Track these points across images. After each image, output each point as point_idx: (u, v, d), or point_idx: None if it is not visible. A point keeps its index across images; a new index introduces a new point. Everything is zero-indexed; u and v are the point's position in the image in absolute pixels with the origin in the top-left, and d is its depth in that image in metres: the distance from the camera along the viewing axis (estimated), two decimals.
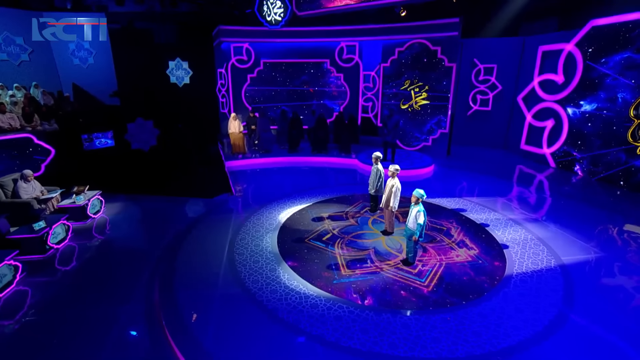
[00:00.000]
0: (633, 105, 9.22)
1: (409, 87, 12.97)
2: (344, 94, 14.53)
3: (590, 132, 10.33)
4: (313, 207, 8.19)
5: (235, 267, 5.69)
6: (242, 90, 14.56)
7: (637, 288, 5.30)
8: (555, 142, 11.35)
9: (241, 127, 12.36)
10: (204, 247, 6.39)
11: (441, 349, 4.07)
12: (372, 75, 13.99)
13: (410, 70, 12.74)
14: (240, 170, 11.40)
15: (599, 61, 9.90)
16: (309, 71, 14.40)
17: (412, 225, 5.57)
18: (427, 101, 12.77)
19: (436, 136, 12.91)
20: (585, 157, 10.53)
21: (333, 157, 12.46)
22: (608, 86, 9.78)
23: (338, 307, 4.78)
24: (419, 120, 13.10)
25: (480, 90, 13.55)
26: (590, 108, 10.29)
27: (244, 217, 7.67)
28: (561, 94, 10.98)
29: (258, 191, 9.41)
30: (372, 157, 7.55)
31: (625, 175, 9.56)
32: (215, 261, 5.90)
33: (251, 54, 14.10)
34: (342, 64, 14.07)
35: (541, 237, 6.82)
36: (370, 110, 14.48)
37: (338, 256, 6.09)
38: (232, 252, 6.18)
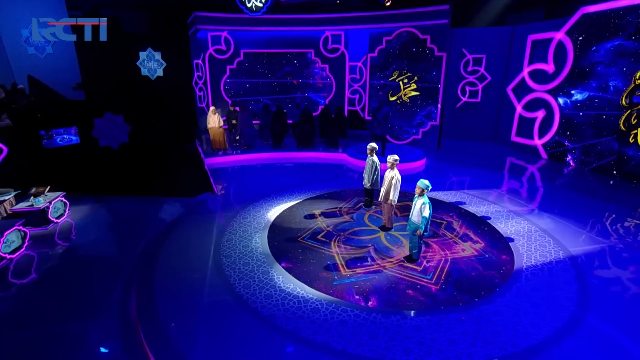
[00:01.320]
0: (625, 93, 9.35)
1: (397, 78, 12.78)
2: (329, 86, 14.20)
3: (582, 122, 10.44)
4: (303, 204, 7.80)
5: (223, 271, 5.22)
6: (221, 83, 13.96)
7: None
8: (547, 133, 11.44)
9: (221, 122, 11.80)
10: (186, 250, 5.88)
11: (460, 352, 3.78)
12: (358, 66, 13.72)
13: (398, 60, 12.55)
14: (222, 167, 10.86)
15: (590, 49, 10.01)
16: (293, 62, 13.98)
17: (417, 219, 5.28)
18: (417, 92, 12.62)
19: (426, 129, 12.79)
20: (578, 147, 10.65)
21: (320, 152, 12.12)
22: (599, 74, 9.89)
23: (342, 310, 4.42)
24: (409, 112, 12.94)
25: (469, 81, 13.52)
26: (581, 97, 10.39)
27: (228, 216, 7.18)
28: (552, 84, 11.06)
29: (242, 189, 8.92)
30: (367, 148, 7.25)
31: (617, 164, 9.69)
32: (199, 266, 5.41)
33: (230, 43, 13.52)
34: (327, 55, 13.73)
35: (545, 228, 6.71)
36: (357, 102, 14.20)
37: (336, 255, 5.73)
38: (219, 254, 5.70)
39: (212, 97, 13.92)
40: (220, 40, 13.38)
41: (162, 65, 12.94)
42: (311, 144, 12.22)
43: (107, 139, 10.47)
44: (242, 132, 12.19)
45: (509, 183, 9.61)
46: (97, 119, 10.18)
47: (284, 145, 12.54)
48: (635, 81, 9.13)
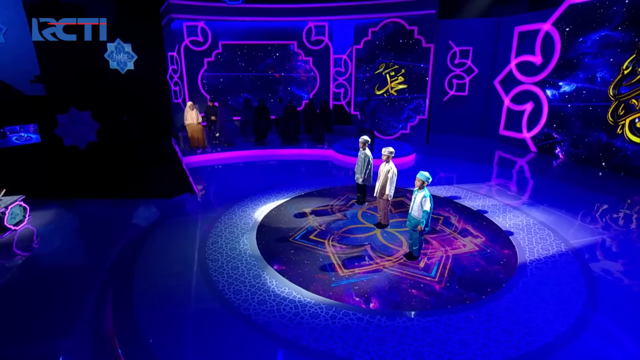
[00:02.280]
0: (612, 84, 9.58)
1: (384, 71, 12.69)
2: (313, 79, 13.96)
3: (571, 114, 10.65)
4: (292, 203, 7.53)
5: (210, 277, 4.89)
6: (199, 77, 13.47)
7: None
8: (535, 126, 11.62)
9: (199, 118, 11.34)
10: (168, 256, 5.49)
11: (473, 353, 3.62)
12: (343, 59, 13.54)
13: (385, 52, 12.46)
14: (201, 166, 10.43)
15: (577, 40, 10.21)
16: (274, 54, 13.65)
17: (417, 214, 5.11)
18: (404, 86, 12.57)
19: (414, 123, 12.76)
20: (566, 139, 10.85)
21: (305, 149, 11.87)
22: (587, 66, 10.10)
23: (343, 314, 4.18)
24: (396, 106, 12.87)
25: (456, 74, 13.62)
26: (569, 89, 10.60)
27: (212, 217, 6.82)
28: (539, 76, 11.24)
29: (224, 188, 8.55)
30: (360, 142, 7.06)
31: (606, 155, 9.92)
32: (183, 272, 5.05)
33: (207, 34, 13.05)
34: (310, 47, 13.48)
35: (543, 221, 6.72)
36: (342, 97, 14.03)
37: (331, 255, 5.50)
38: (204, 259, 5.35)
39: (188, 92, 13.40)
40: (197, 31, 12.89)
41: (132, 58, 12.30)
42: (296, 140, 11.95)
43: (72, 137, 9.82)
44: (222, 129, 11.78)
45: (501, 176, 9.67)
46: (60, 115, 9.52)
47: (267, 142, 12.22)
48: (623, 72, 9.37)
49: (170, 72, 13.22)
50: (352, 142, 12.16)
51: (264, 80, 13.92)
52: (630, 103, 9.26)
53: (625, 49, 9.26)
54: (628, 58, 9.20)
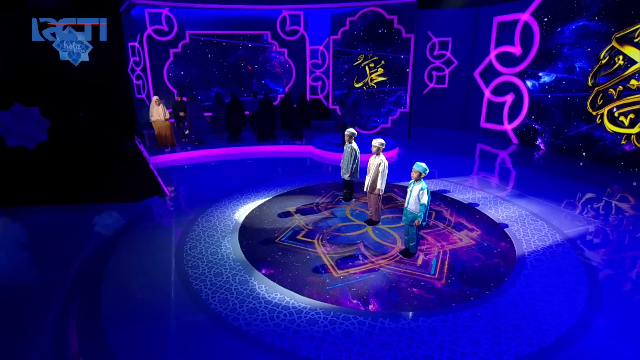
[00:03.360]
0: (590, 74, 9.95)
1: (363, 63, 12.61)
2: (288, 72, 13.67)
3: (551, 104, 10.99)
4: (274, 202, 7.26)
5: (191, 286, 4.53)
6: (164, 69, 12.84)
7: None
8: (517, 118, 11.92)
9: (167, 114, 10.79)
10: (140, 265, 5.08)
11: (486, 353, 3.51)
12: (320, 50, 13.36)
13: (363, 43, 12.38)
14: (170, 166, 9.91)
15: (555, 30, 10.54)
16: (246, 45, 13.24)
17: (414, 208, 4.99)
18: (384, 78, 12.55)
19: (395, 116, 12.77)
20: (547, 130, 11.20)
21: (283, 145, 11.59)
22: (565, 56, 10.45)
23: (343, 318, 3.98)
24: (376, 99, 12.84)
25: (435, 66, 13.77)
26: (549, 79, 10.93)
27: (188, 220, 6.42)
28: (519, 66, 11.54)
29: (198, 189, 8.13)
30: (345, 134, 6.88)
31: (586, 145, 10.31)
32: (160, 282, 4.66)
33: (173, 23, 12.45)
34: (285, 37, 13.19)
35: (535, 212, 6.82)
36: (319, 90, 13.83)
37: (322, 255, 5.28)
38: (183, 266, 4.98)
39: (153, 86, 12.75)
40: (161, 19, 12.27)
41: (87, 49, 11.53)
42: (272, 136, 11.63)
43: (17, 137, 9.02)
44: (192, 126, 11.28)
45: (487, 169, 9.82)
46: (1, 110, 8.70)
47: (242, 138, 11.82)
48: (600, 62, 9.75)
49: (132, 65, 12.50)
50: (332, 137, 12.02)
51: (235, 73, 13.47)
52: (609, 92, 9.65)
53: (602, 38, 9.64)
54: (605, 48, 9.59)
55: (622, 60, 9.32)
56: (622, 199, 7.64)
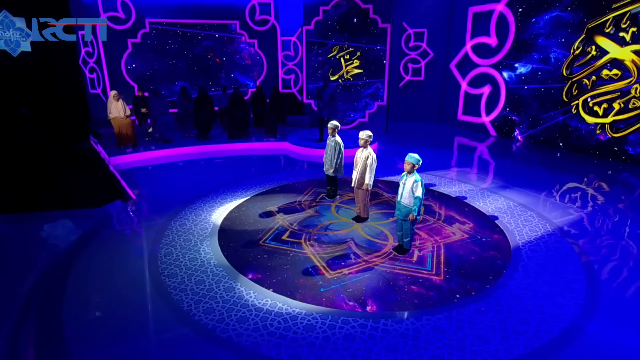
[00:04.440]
0: (565, 64, 10.37)
1: (337, 54, 12.52)
2: (259, 64, 13.35)
3: (528, 96, 11.37)
4: (253, 202, 7.00)
5: (170, 297, 4.21)
6: (122, 61, 12.14)
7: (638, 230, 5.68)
8: (494, 109, 12.25)
9: (127, 111, 10.20)
10: (109, 277, 4.68)
11: (496, 349, 3.47)
12: (292, 41, 13.13)
13: (338, 33, 12.29)
14: (133, 167, 9.38)
15: (530, 21, 10.91)
16: (213, 36, 12.79)
17: (408, 201, 4.91)
18: (360, 70, 12.51)
19: (373, 110, 12.78)
20: (525, 121, 11.58)
21: (256, 143, 11.29)
22: (540, 46, 10.84)
23: (342, 322, 3.82)
24: (352, 92, 12.79)
25: (411, 58, 13.92)
26: (525, 70, 11.31)
27: (159, 225, 6.04)
28: (496, 58, 11.87)
29: (167, 191, 7.71)
30: (329, 127, 6.74)
31: (562, 136, 10.74)
32: (134, 294, 4.30)
33: (130, 10, 11.79)
34: (255, 27, 12.86)
35: (522, 202, 6.97)
36: (293, 84, 13.61)
37: (312, 256, 5.11)
38: (158, 275, 4.63)
39: (109, 80, 12.03)
40: (116, 5, 11.57)
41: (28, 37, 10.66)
42: (246, 133, 11.30)
43: None
44: (157, 123, 10.74)
45: (468, 162, 10.03)
46: None
47: (212, 136, 11.40)
48: (574, 52, 10.18)
49: (84, 56, 11.74)
50: (307, 133, 11.87)
51: (202, 65, 12.98)
52: (583, 83, 10.09)
53: (575, 29, 10.07)
54: (578, 38, 10.02)
55: (594, 50, 9.77)
56: (600, 187, 7.99)
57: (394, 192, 7.47)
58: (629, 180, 8.45)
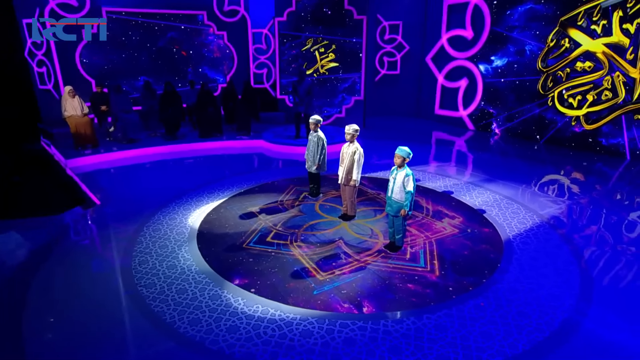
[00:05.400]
0: (540, 57, 10.78)
1: (312, 48, 12.43)
2: (229, 58, 13.04)
3: (504, 89, 11.74)
4: (231, 203, 6.80)
5: (150, 309, 3.97)
6: (76, 54, 11.49)
7: (620, 219, 5.95)
8: (471, 103, 12.57)
9: (85, 108, 9.67)
10: (78, 291, 4.37)
11: (501, 345, 3.49)
12: (264, 34, 12.93)
13: (312, 25, 12.20)
14: (95, 170, 8.89)
15: (505, 13, 11.26)
16: (179, 27, 12.36)
17: (399, 196, 4.89)
18: (336, 64, 12.49)
19: (350, 105, 12.79)
20: (502, 114, 11.95)
21: (228, 141, 11.02)
22: (516, 39, 11.21)
23: (341, 326, 3.73)
24: (328, 87, 12.74)
25: (387, 51, 14.04)
26: (501, 63, 11.66)
27: (130, 231, 5.73)
28: (472, 50, 12.17)
29: (135, 195, 7.35)
30: (310, 122, 6.66)
31: (539, 128, 11.17)
32: (108, 309, 4.03)
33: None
34: (223, 19, 12.55)
35: (508, 195, 7.16)
36: (265, 79, 13.40)
37: (301, 258, 4.99)
38: (134, 286, 4.36)
39: (62, 74, 11.36)
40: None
41: None
42: (219, 130, 10.99)
43: None
44: (119, 122, 10.25)
45: (449, 156, 10.24)
46: None
47: (181, 135, 11.01)
48: (548, 45, 10.60)
49: (30, 47, 11.01)
50: (283, 130, 11.72)
51: (167, 59, 12.51)
52: (558, 75, 10.53)
53: (549, 21, 10.49)
54: (552, 31, 10.43)
55: (568, 43, 10.21)
56: (578, 178, 8.36)
57: (378, 188, 7.50)
58: (603, 170, 8.89)
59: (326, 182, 7.57)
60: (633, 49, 9.10)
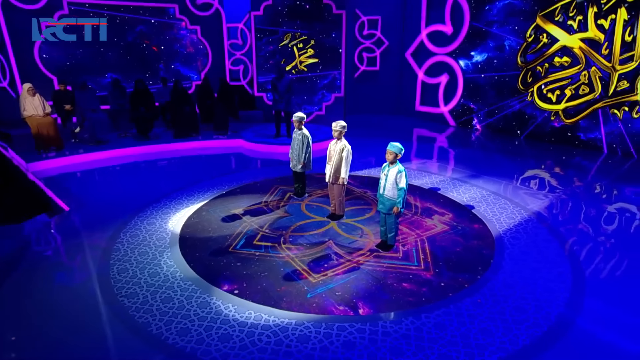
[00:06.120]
0: (519, 52, 11.10)
1: (290, 43, 12.35)
2: (203, 55, 12.78)
3: (485, 84, 12.02)
4: (212, 205, 6.66)
5: (133, 320, 3.81)
6: (35, 49, 10.97)
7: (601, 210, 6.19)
8: (452, 99, 12.81)
9: (47, 107, 9.25)
10: (52, 306, 4.15)
11: (501, 342, 3.55)
12: (240, 28, 12.74)
13: (290, 20, 12.12)
14: (61, 174, 8.54)
15: (484, 8, 11.54)
16: (149, 21, 12.01)
17: (391, 193, 4.91)
18: (315, 60, 12.46)
19: (330, 102, 12.79)
20: (483, 110, 12.24)
21: (205, 141, 10.82)
22: (495, 34, 11.51)
23: (338, 329, 3.70)
24: (307, 84, 12.70)
25: (366, 47, 14.13)
26: (481, 58, 11.94)
27: (105, 238, 5.51)
28: (452, 46, 12.40)
29: (109, 199, 7.09)
30: (294, 120, 6.60)
31: (519, 124, 11.50)
32: (88, 324, 3.84)
33: None
34: (196, 12, 12.29)
35: (494, 191, 7.33)
36: (242, 75, 13.21)
37: (291, 260, 4.93)
38: (115, 296, 4.19)
39: (19, 71, 10.82)
40: None
41: None
42: (195, 130, 10.76)
43: None
44: (86, 122, 9.86)
45: (432, 153, 10.39)
46: None
47: (154, 135, 10.71)
48: (527, 40, 10.93)
49: None
50: (262, 128, 11.60)
51: (136, 55, 12.14)
52: (537, 70, 10.87)
53: (528, 17, 10.81)
54: (530, 26, 10.76)
55: (546, 38, 10.56)
56: (560, 172, 8.66)
57: (364, 186, 7.53)
58: (583, 164, 9.25)
59: (311, 182, 7.53)
60: (608, 44, 9.50)
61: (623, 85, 9.34)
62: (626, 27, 9.10)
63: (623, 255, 5.19)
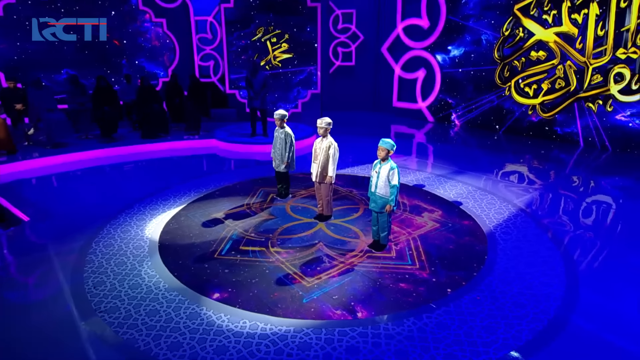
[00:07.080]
0: (496, 46, 11.46)
1: (263, 37, 12.23)
2: (170, 49, 12.44)
3: (462, 79, 12.33)
4: (191, 209, 6.51)
5: (118, 337, 3.64)
6: None
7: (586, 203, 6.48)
8: (430, 94, 13.07)
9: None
10: (23, 328, 3.91)
11: (504, 338, 3.64)
12: (209, 22, 12.49)
13: (262, 13, 12.00)
14: (14, 180, 8.10)
15: (461, 2, 11.84)
16: (109, 13, 11.55)
17: (384, 191, 4.94)
18: (289, 55, 12.39)
19: (306, 99, 12.76)
20: (461, 106, 12.55)
21: (175, 142, 10.55)
22: (472, 29, 11.83)
23: (340, 334, 3.68)
24: (282, 81, 12.61)
25: (341, 41, 14.19)
26: (458, 53, 12.24)
27: (75, 249, 5.25)
28: (428, 40, 12.65)
29: (74, 207, 6.78)
30: (275, 118, 6.53)
31: (498, 119, 11.88)
32: (66, 345, 3.64)
33: None
34: (162, 4, 11.96)
35: (480, 186, 7.53)
36: (212, 72, 12.96)
37: (281, 264, 4.87)
38: (93, 312, 3.99)
39: None
40: None
41: None
42: (165, 130, 10.45)
43: None
44: (42, 123, 9.38)
45: (413, 149, 10.59)
46: None
47: (119, 136, 10.33)
48: (503, 34, 11.30)
49: None
50: (236, 127, 11.45)
51: (96, 49, 11.65)
52: (514, 65, 11.26)
53: (504, 11, 11.18)
54: (507, 20, 11.14)
55: (522, 32, 10.95)
56: (540, 167, 9.02)
57: (349, 185, 7.56)
58: (561, 157, 9.67)
59: (294, 182, 7.48)
60: (582, 39, 9.96)
61: (597, 79, 9.81)
62: (598, 21, 9.57)
63: (605, 243, 5.55)
